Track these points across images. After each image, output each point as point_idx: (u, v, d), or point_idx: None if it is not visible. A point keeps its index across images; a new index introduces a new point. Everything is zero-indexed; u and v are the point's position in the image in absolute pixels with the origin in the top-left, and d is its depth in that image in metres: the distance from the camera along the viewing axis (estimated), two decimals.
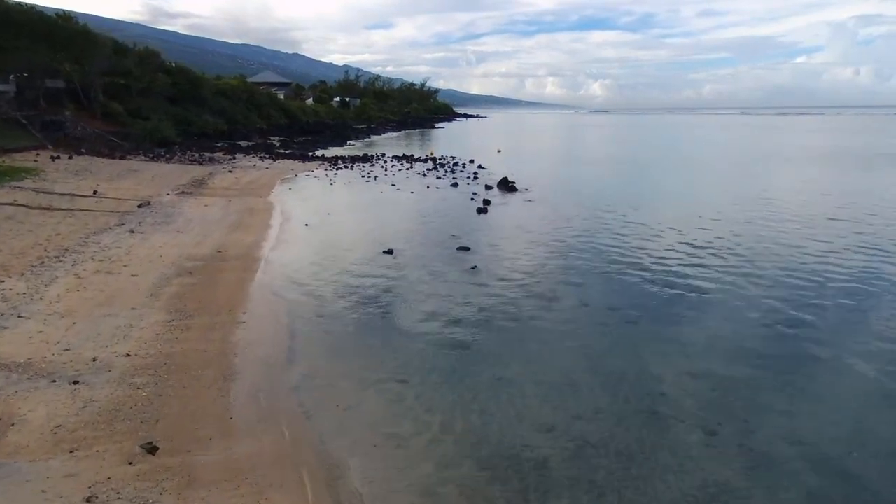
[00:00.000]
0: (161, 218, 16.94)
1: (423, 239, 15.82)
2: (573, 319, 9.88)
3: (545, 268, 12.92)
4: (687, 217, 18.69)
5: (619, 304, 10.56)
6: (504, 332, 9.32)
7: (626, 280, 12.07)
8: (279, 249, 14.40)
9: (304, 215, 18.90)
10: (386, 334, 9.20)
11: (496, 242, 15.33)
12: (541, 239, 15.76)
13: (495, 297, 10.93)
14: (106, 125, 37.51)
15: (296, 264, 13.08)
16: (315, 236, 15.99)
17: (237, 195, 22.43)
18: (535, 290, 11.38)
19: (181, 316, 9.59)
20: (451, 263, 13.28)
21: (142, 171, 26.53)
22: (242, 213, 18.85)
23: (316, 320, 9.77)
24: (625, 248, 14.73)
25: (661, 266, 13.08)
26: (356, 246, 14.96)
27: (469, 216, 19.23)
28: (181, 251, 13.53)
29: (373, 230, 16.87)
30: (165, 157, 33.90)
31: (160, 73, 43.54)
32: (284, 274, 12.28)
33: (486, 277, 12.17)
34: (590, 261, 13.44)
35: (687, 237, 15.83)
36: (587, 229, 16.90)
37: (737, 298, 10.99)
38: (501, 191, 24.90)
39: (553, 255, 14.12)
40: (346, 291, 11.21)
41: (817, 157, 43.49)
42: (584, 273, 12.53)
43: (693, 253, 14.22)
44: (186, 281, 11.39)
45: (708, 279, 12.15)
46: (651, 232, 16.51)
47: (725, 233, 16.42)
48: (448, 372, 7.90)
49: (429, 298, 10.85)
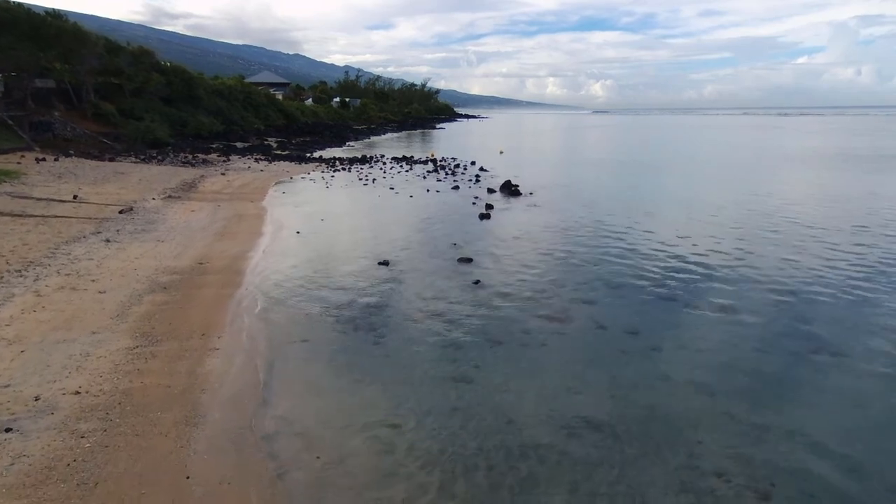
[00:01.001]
0: (142, 225, 15.85)
1: (421, 248, 14.73)
2: (590, 346, 8.77)
3: (555, 283, 11.81)
4: (701, 224, 17.58)
5: (640, 327, 9.45)
6: (512, 361, 8.22)
7: (644, 297, 10.96)
8: (266, 261, 13.31)
9: (296, 222, 17.82)
10: (377, 366, 8.10)
11: (500, 253, 14.22)
12: (548, 249, 14.66)
13: (501, 318, 9.83)
14: (97, 126, 36.46)
15: (282, 278, 11.99)
16: (306, 245, 14.90)
17: (227, 200, 21.36)
18: (545, 309, 10.28)
19: (147, 341, 8.50)
20: (452, 277, 12.18)
21: (129, 173, 25.46)
22: (230, 219, 17.76)
23: (299, 347, 8.67)
24: (641, 259, 13.62)
25: (681, 281, 11.97)
26: (349, 256, 13.87)
27: (471, 223, 18.13)
28: (158, 263, 12.44)
29: (368, 238, 15.78)
30: (157, 158, 32.84)
31: (154, 73, 42.45)
32: (269, 290, 11.18)
33: (490, 294, 11.06)
34: (604, 275, 12.32)
35: (702, 247, 14.72)
36: (598, 238, 15.79)
37: (772, 317, 9.88)
38: (504, 195, 23.79)
39: (563, 267, 13.02)
40: (335, 312, 10.11)
41: (823, 158, 42.33)
42: (598, 289, 11.42)
43: (713, 266, 13.10)
44: (159, 299, 10.30)
45: (735, 296, 11.04)
46: (666, 241, 15.40)
47: (744, 243, 15.31)
48: (448, 414, 6.80)
49: (426, 320, 9.75)
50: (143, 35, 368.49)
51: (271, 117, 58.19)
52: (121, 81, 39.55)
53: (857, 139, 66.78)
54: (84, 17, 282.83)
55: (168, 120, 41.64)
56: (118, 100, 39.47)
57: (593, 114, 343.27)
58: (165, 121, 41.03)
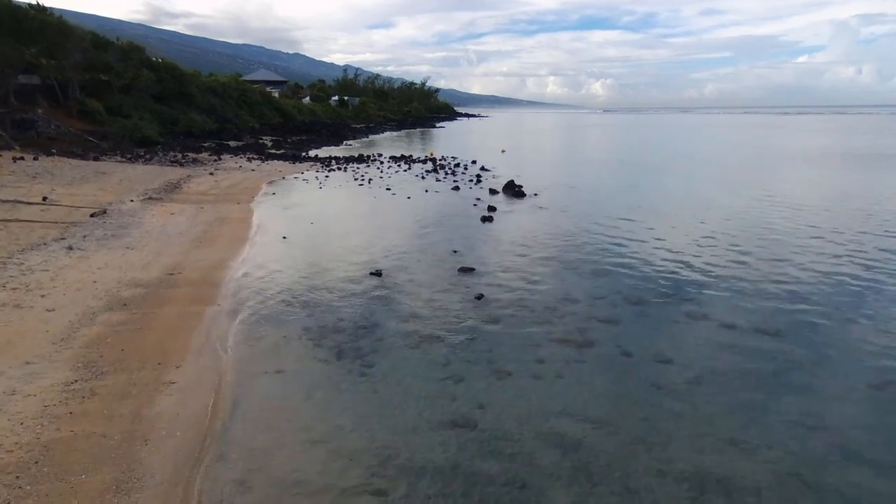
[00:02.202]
0: (113, 230, 14.51)
1: (418, 256, 13.39)
2: (616, 379, 7.43)
3: (568, 297, 10.47)
4: (720, 229, 16.25)
5: (671, 354, 8.11)
6: (523, 398, 6.88)
7: (671, 315, 9.62)
8: (245, 271, 11.96)
9: (283, 226, 16.48)
10: (363, 406, 6.76)
11: (505, 261, 12.88)
12: (557, 256, 13.31)
13: (508, 342, 8.49)
14: (83, 124, 35.08)
15: (261, 292, 10.65)
16: (292, 253, 13.56)
17: (212, 201, 20.01)
18: (558, 330, 8.94)
19: (90, 374, 7.16)
20: (452, 291, 10.83)
21: (111, 173, 24.11)
22: (212, 223, 16.42)
23: (272, 381, 7.33)
24: (661, 269, 12.28)
25: (710, 296, 10.64)
26: (339, 265, 12.53)
27: (472, 226, 16.79)
28: (123, 274, 11.10)
29: (360, 245, 14.43)
30: (144, 158, 31.47)
31: (144, 69, 41.06)
32: (243, 307, 9.84)
33: (495, 311, 9.72)
34: (622, 287, 10.98)
35: (726, 255, 13.39)
36: (611, 245, 14.45)
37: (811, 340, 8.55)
38: (507, 196, 22.45)
39: (575, 278, 11.67)
40: (318, 333, 8.77)
41: (830, 157, 40.96)
42: (617, 305, 10.08)
43: (744, 278, 11.76)
44: (116, 318, 8.96)
45: (775, 314, 9.71)
46: (686, 248, 14.07)
47: (771, 251, 13.98)
48: (447, 474, 5.47)
49: (422, 344, 8.41)
50: (142, 34, 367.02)
51: (267, 115, 56.81)
52: (109, 78, 38.17)
53: (861, 138, 65.40)
54: (84, 16, 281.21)
55: (158, 118, 40.28)
56: (106, 97, 38.09)
57: (594, 113, 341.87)
58: (156, 119, 39.67)
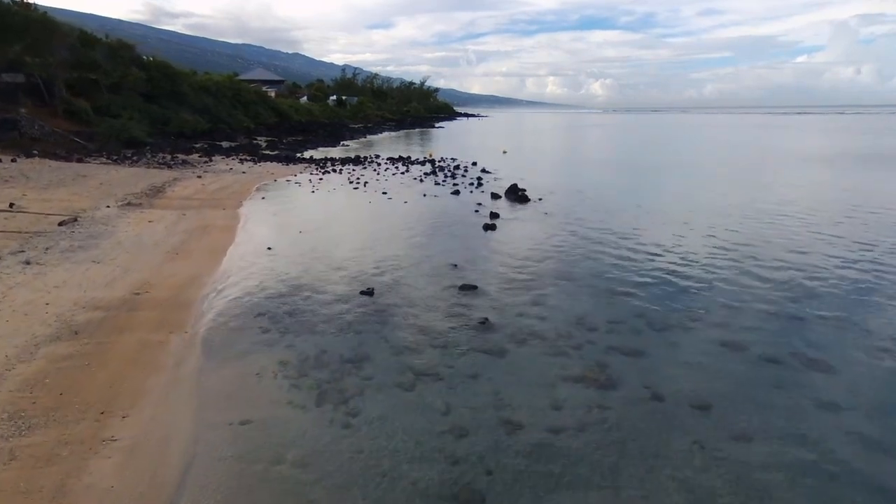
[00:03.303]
0: (81, 240, 13.27)
1: (414, 271, 12.16)
2: (647, 432, 6.20)
3: (583, 322, 9.24)
4: (737, 236, 15.03)
5: (710, 397, 6.89)
6: (540, 461, 5.66)
7: (704, 346, 8.40)
8: (222, 288, 10.74)
9: (269, 235, 15.27)
10: (343, 472, 5.53)
11: (511, 277, 11.65)
12: (568, 271, 12.08)
13: (519, 381, 7.26)
14: (69, 124, 33.83)
15: (236, 315, 9.42)
16: (276, 266, 12.33)
17: (196, 207, 18.78)
18: (576, 364, 7.71)
19: (15, 428, 5.94)
20: (452, 314, 9.61)
21: (92, 176, 22.86)
22: (193, 232, 15.20)
23: (235, 435, 6.10)
24: (686, 288, 11.06)
25: (751, 324, 9.42)
26: (326, 282, 11.30)
27: (473, 235, 15.57)
28: (82, 294, 9.87)
29: (352, 257, 13.21)
30: (131, 159, 30.26)
31: (134, 68, 39.77)
32: (214, 334, 8.61)
33: (501, 341, 8.50)
34: (644, 310, 9.74)
35: (760, 271, 12.18)
36: (627, 257, 13.23)
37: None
38: (510, 201, 21.22)
39: (590, 298, 10.45)
40: (297, 369, 7.54)
41: (834, 158, 39.75)
42: (640, 332, 8.85)
43: (785, 300, 10.55)
44: (62, 350, 7.73)
45: (831, 345, 8.50)
46: (709, 260, 12.85)
47: (813, 267, 12.77)
48: None
49: (417, 385, 7.18)
50: (142, 34, 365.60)
51: (262, 115, 55.53)
52: (97, 76, 36.89)
53: (863, 139, 64.21)
54: (84, 16, 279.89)
55: (149, 118, 39.03)
56: (94, 96, 36.82)
57: (594, 113, 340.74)
58: (146, 118, 38.42)
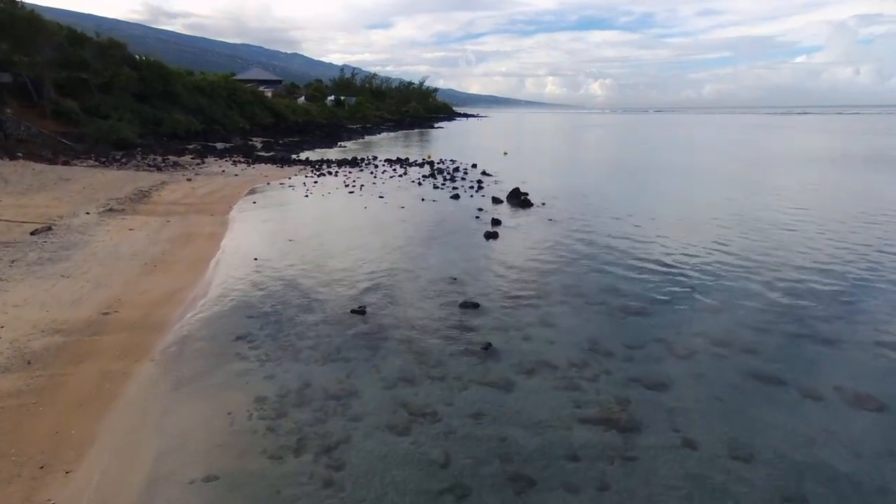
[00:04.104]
0: (52, 252, 12.33)
1: (411, 284, 11.23)
2: (683, 490, 5.28)
3: (598, 347, 8.32)
4: (757, 245, 14.13)
5: (751, 443, 5.97)
6: None
7: (737, 376, 7.48)
8: (201, 305, 9.81)
9: (257, 244, 14.34)
10: None
11: (515, 293, 10.72)
12: (577, 286, 11.15)
13: (528, 425, 6.33)
14: (56, 125, 32.86)
15: (212, 338, 8.49)
16: (262, 280, 11.39)
17: (183, 213, 17.84)
18: (592, 402, 6.79)
19: None
20: (452, 336, 8.68)
21: (76, 179, 21.92)
22: (175, 240, 14.26)
23: (198, 497, 5.16)
24: (707, 303, 10.14)
25: (786, 350, 8.51)
26: (316, 298, 10.37)
27: (474, 244, 14.64)
28: (44, 314, 8.94)
29: (344, 268, 12.28)
30: (120, 161, 29.31)
31: (125, 67, 38.80)
32: (185, 362, 7.68)
33: (506, 368, 7.57)
34: (665, 333, 8.81)
35: (788, 286, 11.27)
36: (641, 270, 12.31)
37: None
38: (512, 205, 20.30)
39: (604, 319, 9.52)
40: (275, 409, 6.61)
41: (838, 159, 38.88)
42: (663, 360, 7.91)
43: (822, 322, 9.65)
44: (9, 385, 6.80)
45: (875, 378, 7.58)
46: (729, 272, 11.94)
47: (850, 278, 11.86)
48: None
49: (412, 429, 6.25)
50: (141, 34, 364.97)
51: (258, 116, 54.56)
52: (86, 76, 35.93)
53: (866, 139, 63.37)
54: (82, 16, 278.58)
55: (140, 118, 38.06)
56: (84, 96, 35.86)
57: (604, 113, 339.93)
58: (137, 119, 37.45)
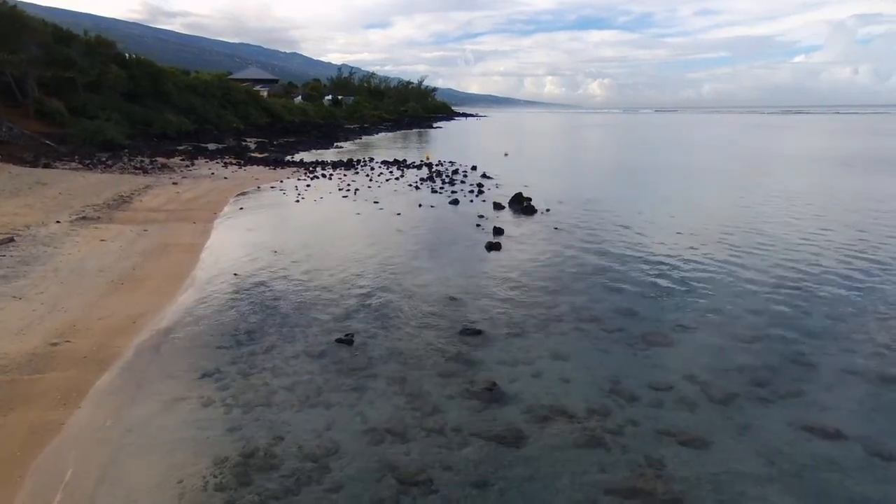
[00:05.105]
0: (10, 267, 11.15)
1: (405, 305, 10.09)
2: None
3: (618, 387, 7.16)
4: (795, 256, 13.00)
5: None
6: None
7: (778, 427, 6.35)
8: (164, 334, 8.65)
9: (239, 256, 13.19)
10: None
11: (521, 316, 9.57)
12: (590, 309, 10.00)
13: (543, 496, 5.17)
14: (40, 125, 31.69)
15: (172, 377, 7.34)
16: (239, 301, 10.24)
17: (163, 221, 16.69)
18: (618, 462, 5.64)
19: None
20: (451, 372, 7.54)
21: (53, 184, 20.73)
22: (150, 253, 13.10)
23: None
24: (747, 335, 9.01)
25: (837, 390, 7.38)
26: (297, 323, 9.22)
27: (475, 257, 13.50)
28: None
29: (332, 286, 11.13)
30: (105, 163, 28.12)
31: (113, 66, 37.59)
32: (133, 414, 6.52)
33: (516, 416, 6.43)
34: (696, 368, 7.67)
35: (803, 297, 10.15)
36: (662, 288, 11.17)
37: None
38: (515, 212, 19.16)
39: (622, 348, 8.37)
40: (236, 477, 5.45)
41: (846, 161, 37.76)
42: (696, 406, 6.76)
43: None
44: None
45: None
46: (760, 290, 10.81)
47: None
48: None
49: (401, 502, 5.10)
50: (139, 33, 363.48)
51: (252, 116, 53.36)
52: (73, 75, 34.74)
53: (868, 139, 62.30)
54: (81, 15, 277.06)
55: (130, 118, 36.88)
56: (71, 96, 34.67)
57: (595, 113, 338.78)
58: (126, 119, 36.27)
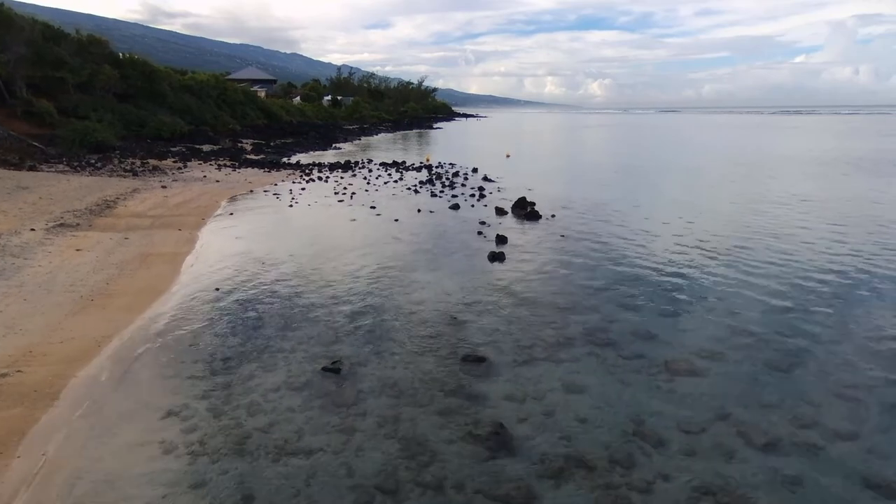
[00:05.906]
0: None
1: (400, 325, 9.18)
2: None
3: (641, 426, 6.26)
4: (806, 265, 12.09)
5: None
6: None
7: (846, 488, 5.44)
8: (129, 361, 7.74)
9: (224, 267, 12.29)
10: None
11: (529, 339, 8.66)
12: (603, 330, 9.09)
13: None
14: (29, 126, 30.80)
15: (130, 416, 6.43)
16: (217, 321, 9.33)
17: (147, 227, 15.79)
18: None
19: None
20: (451, 409, 6.63)
21: (35, 188, 19.84)
22: (128, 264, 12.19)
23: None
24: (784, 362, 8.10)
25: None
26: (280, 347, 8.32)
27: (477, 269, 12.58)
28: None
29: (320, 304, 10.22)
30: (95, 166, 27.25)
31: (106, 65, 36.70)
32: (80, 467, 5.62)
33: (525, 469, 5.51)
34: (731, 403, 6.74)
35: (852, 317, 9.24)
36: (679, 301, 10.26)
37: None
38: (518, 217, 18.25)
39: (641, 378, 7.46)
40: None
41: (853, 162, 36.81)
42: (734, 453, 5.84)
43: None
44: None
45: None
46: (795, 307, 9.90)
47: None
48: None
49: None
50: (139, 34, 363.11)
51: (250, 116, 52.49)
52: (63, 74, 33.85)
53: (869, 140, 61.34)
54: (80, 15, 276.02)
55: (122, 119, 35.99)
56: (61, 96, 33.79)
57: (594, 113, 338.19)
58: (119, 120, 35.38)
